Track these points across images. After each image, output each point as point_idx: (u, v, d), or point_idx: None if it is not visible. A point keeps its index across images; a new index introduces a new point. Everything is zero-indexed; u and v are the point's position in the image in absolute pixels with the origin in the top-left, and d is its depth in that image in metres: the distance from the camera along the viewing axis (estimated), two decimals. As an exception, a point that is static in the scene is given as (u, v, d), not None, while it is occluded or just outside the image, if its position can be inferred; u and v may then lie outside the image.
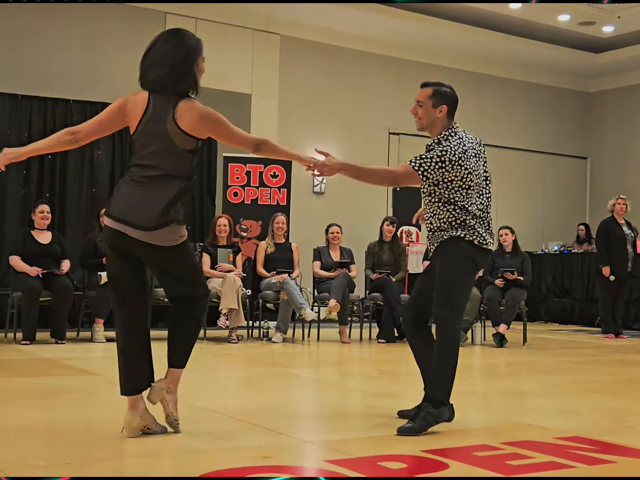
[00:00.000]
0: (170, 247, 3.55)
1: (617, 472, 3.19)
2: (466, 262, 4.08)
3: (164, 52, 3.75)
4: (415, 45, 12.85)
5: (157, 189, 3.53)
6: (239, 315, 8.35)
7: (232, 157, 10.36)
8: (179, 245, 3.58)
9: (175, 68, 3.69)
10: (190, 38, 3.78)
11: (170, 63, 3.71)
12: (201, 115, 3.58)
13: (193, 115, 3.57)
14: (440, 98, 4.16)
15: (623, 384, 6.08)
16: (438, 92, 4.17)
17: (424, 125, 4.21)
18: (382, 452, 3.37)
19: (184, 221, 3.62)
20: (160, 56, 3.76)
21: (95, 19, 10.53)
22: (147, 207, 3.49)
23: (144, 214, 3.49)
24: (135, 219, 3.49)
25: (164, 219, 3.49)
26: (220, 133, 3.68)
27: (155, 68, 3.78)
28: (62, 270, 7.93)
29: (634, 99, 14.37)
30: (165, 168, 3.55)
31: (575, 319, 12.36)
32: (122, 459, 3.22)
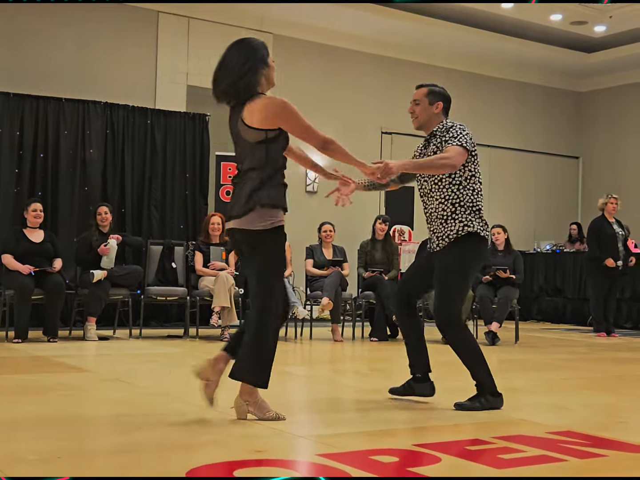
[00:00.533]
0: (262, 230, 3.81)
1: (608, 465, 3.20)
2: (477, 262, 4.50)
3: (224, 65, 3.98)
4: (408, 45, 12.87)
5: (244, 182, 3.88)
6: (232, 314, 8.34)
7: (225, 155, 10.36)
8: (269, 230, 3.82)
9: (235, 79, 3.91)
10: (248, 45, 4.03)
11: (230, 75, 3.93)
12: (265, 105, 3.83)
13: (254, 109, 3.82)
14: (436, 96, 4.49)
15: (614, 380, 6.10)
16: (433, 91, 4.51)
17: (421, 122, 4.51)
18: (374, 446, 3.38)
19: (270, 205, 3.84)
20: (223, 69, 3.98)
21: (89, 18, 10.51)
22: (238, 199, 3.87)
23: (237, 205, 3.86)
24: (231, 212, 3.91)
25: (248, 205, 3.81)
26: (285, 123, 3.86)
27: (219, 82, 3.99)
28: (55, 269, 7.92)
29: (625, 99, 14.42)
30: (247, 164, 3.89)
31: (568, 318, 12.39)
32: (113, 454, 3.22)
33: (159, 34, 11.03)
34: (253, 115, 3.82)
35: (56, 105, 9.53)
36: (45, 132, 9.45)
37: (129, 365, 6.34)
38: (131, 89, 10.59)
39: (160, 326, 9.82)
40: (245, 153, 3.90)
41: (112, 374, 5.67)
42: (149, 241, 9.28)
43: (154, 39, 11.02)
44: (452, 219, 4.35)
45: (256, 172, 3.85)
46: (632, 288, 11.50)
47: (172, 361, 6.75)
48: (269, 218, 3.83)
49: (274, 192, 3.87)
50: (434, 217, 4.43)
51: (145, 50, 10.96)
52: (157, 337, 8.66)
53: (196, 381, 3.98)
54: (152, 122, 10.07)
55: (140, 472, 2.91)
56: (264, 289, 3.89)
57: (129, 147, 9.92)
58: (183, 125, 10.28)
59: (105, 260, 8.21)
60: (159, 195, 10.06)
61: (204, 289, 8.59)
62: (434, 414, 4.33)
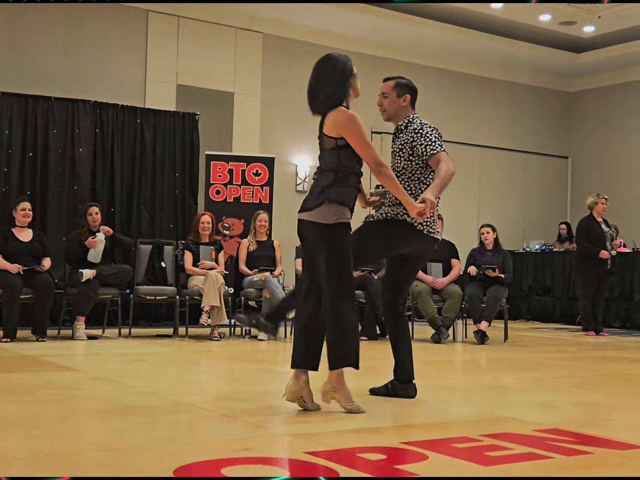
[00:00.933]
0: (328, 224, 4.06)
1: (594, 462, 3.22)
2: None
3: (319, 79, 4.31)
4: (398, 45, 12.89)
5: (319, 179, 4.23)
6: (221, 313, 8.34)
7: (215, 155, 10.36)
8: (335, 224, 4.07)
9: (329, 91, 4.24)
10: (337, 60, 4.31)
11: (325, 87, 4.26)
12: (335, 118, 4.16)
13: (330, 118, 4.19)
14: (403, 88, 4.68)
15: (603, 379, 6.13)
16: (400, 83, 4.72)
17: (390, 115, 4.75)
18: (362, 444, 3.39)
19: (338, 201, 4.10)
20: (319, 82, 4.31)
21: (78, 17, 10.50)
22: (312, 193, 4.21)
23: (310, 199, 4.20)
24: (305, 204, 4.22)
25: (319, 199, 4.12)
26: (348, 136, 4.15)
27: (316, 95, 4.34)
28: (43, 268, 7.90)
29: (613, 99, 14.48)
30: (323, 165, 4.25)
31: (557, 317, 12.44)
32: (101, 452, 3.22)
33: (149, 33, 11.02)
34: (328, 124, 4.20)
35: (45, 104, 9.50)
36: (35, 131, 9.43)
37: (118, 364, 6.33)
38: (121, 88, 10.58)
39: (149, 325, 9.81)
40: (323, 155, 4.27)
41: (101, 373, 5.67)
42: (139, 240, 9.26)
43: (144, 38, 11.01)
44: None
45: (330, 173, 4.18)
46: (621, 287, 11.56)
47: (162, 360, 6.75)
48: (335, 214, 4.09)
49: (344, 191, 4.15)
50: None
51: (134, 49, 10.95)
52: (146, 336, 8.65)
53: (185, 380, 3.98)
54: (141, 121, 10.06)
55: (127, 470, 2.91)
56: (332, 278, 4.09)
57: (119, 146, 9.90)
58: (173, 125, 10.27)
59: (92, 253, 8.20)
60: (148, 195, 10.04)
61: (193, 288, 8.59)
62: (421, 412, 4.35)
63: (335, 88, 4.21)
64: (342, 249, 4.11)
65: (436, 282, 8.76)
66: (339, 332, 4.08)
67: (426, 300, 8.64)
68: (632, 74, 14.04)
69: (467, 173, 13.88)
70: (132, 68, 10.90)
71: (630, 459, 3.28)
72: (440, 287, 8.76)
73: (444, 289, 8.78)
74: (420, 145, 4.54)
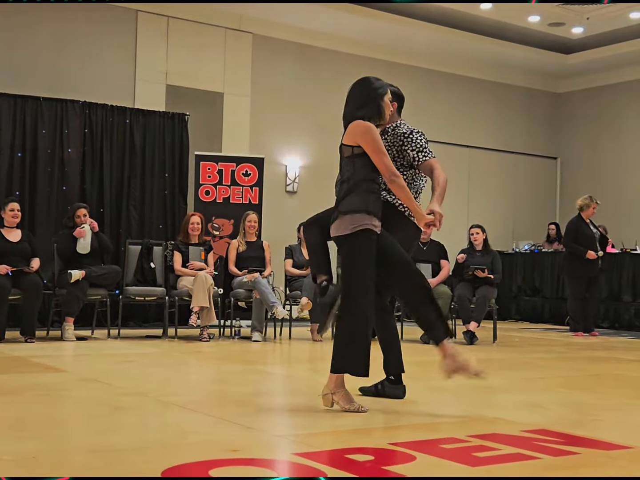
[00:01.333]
0: (345, 235, 4.22)
1: (581, 462, 3.23)
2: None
3: (349, 96, 4.47)
4: (387, 45, 12.91)
5: (337, 193, 4.40)
6: (211, 314, 8.34)
7: (204, 155, 10.35)
8: (352, 234, 4.20)
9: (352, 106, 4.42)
10: (368, 82, 4.44)
11: (351, 103, 4.43)
12: (354, 128, 4.28)
13: (349, 130, 4.32)
14: (392, 96, 4.65)
15: (591, 379, 6.16)
16: (391, 91, 4.68)
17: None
18: (350, 445, 3.39)
19: (352, 210, 4.22)
20: (348, 99, 4.47)
21: (67, 17, 10.48)
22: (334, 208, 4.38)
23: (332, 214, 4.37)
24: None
25: (334, 214, 4.30)
26: (364, 144, 4.25)
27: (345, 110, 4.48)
28: (32, 268, 7.87)
29: (602, 100, 14.54)
30: (341, 177, 4.38)
31: (546, 318, 12.47)
32: (89, 453, 3.22)
33: (138, 33, 11.01)
34: (346, 134, 4.34)
35: (34, 104, 9.47)
36: (23, 131, 9.39)
37: (107, 365, 6.32)
38: (110, 88, 10.56)
39: (138, 326, 9.79)
40: (341, 167, 4.39)
41: (89, 374, 5.66)
42: (128, 241, 9.25)
43: (133, 38, 11.00)
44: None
45: (345, 183, 4.31)
46: (609, 288, 11.60)
47: (151, 361, 6.74)
48: (351, 224, 4.21)
49: (357, 199, 4.24)
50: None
51: (124, 50, 10.93)
52: (135, 337, 8.64)
53: (174, 381, 3.97)
54: (131, 121, 10.04)
55: (116, 471, 2.91)
56: (342, 289, 4.26)
57: (108, 146, 9.88)
58: (162, 125, 10.25)
59: (81, 243, 8.21)
60: (137, 195, 10.02)
61: (182, 289, 8.58)
62: (410, 413, 4.36)
63: (362, 106, 4.35)
64: (352, 260, 4.25)
65: (425, 283, 8.78)
66: (341, 340, 4.28)
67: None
68: (621, 75, 14.11)
69: (456, 173, 13.89)
70: (122, 68, 10.89)
71: (616, 459, 3.30)
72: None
73: (433, 290, 8.78)
74: (412, 151, 4.64)
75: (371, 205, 4.26)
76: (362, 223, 4.20)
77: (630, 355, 8.09)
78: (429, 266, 8.95)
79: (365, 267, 4.24)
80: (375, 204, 4.29)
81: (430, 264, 8.96)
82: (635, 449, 3.49)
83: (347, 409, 4.17)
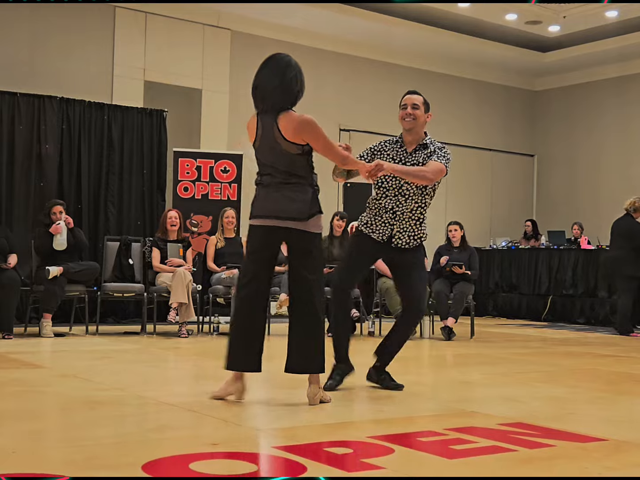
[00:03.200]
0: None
1: (555, 454, 3.29)
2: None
3: (264, 76, 4.38)
4: (367, 43, 12.95)
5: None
6: (189, 310, 8.34)
7: (183, 152, 10.34)
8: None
9: (278, 87, 4.34)
10: (288, 59, 4.47)
11: (272, 84, 4.33)
12: (299, 123, 4.28)
13: (292, 124, 4.27)
14: (428, 107, 4.96)
15: (567, 374, 6.22)
16: (427, 101, 4.97)
17: (417, 124, 4.91)
18: (329, 438, 3.43)
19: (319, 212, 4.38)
20: (263, 80, 4.38)
21: (45, 12, 10.42)
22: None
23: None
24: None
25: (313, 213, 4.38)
26: (315, 142, 4.31)
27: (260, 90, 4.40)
28: (9, 264, 7.83)
29: (578, 98, 14.67)
30: (289, 171, 4.38)
31: (523, 314, 12.56)
32: (68, 448, 3.22)
33: (116, 29, 10.97)
34: (290, 129, 4.33)
35: (11, 99, 9.40)
36: (0, 126, 9.34)
37: (86, 361, 6.31)
38: (87, 84, 10.52)
39: (117, 323, 9.76)
40: (287, 162, 4.37)
41: (68, 370, 5.65)
42: (106, 237, 9.23)
43: (111, 34, 10.96)
44: (422, 222, 4.92)
45: (305, 184, 4.41)
46: (585, 284, 11.72)
47: (129, 357, 6.74)
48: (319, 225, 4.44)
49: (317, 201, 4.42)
50: (406, 216, 4.85)
51: (101, 45, 10.89)
52: (114, 333, 8.62)
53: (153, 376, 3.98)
54: (108, 117, 10.00)
55: (95, 466, 2.92)
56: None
57: (85, 142, 9.83)
58: (140, 121, 10.22)
59: (58, 239, 8.15)
60: (115, 191, 9.99)
61: (161, 285, 8.57)
62: (388, 407, 4.39)
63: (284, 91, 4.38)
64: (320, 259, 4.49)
65: (403, 279, 8.82)
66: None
67: (393, 297, 8.69)
68: (596, 73, 14.24)
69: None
70: (99, 64, 10.85)
71: (591, 451, 3.35)
72: (408, 283, 8.80)
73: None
74: (438, 157, 4.82)
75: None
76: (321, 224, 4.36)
77: (605, 350, 8.18)
78: (407, 262, 8.98)
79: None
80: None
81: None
82: (609, 441, 3.55)
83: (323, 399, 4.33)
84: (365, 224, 4.98)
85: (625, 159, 14.01)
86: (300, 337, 4.29)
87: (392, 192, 4.87)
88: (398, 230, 4.87)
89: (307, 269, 4.31)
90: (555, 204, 14.92)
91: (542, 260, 12.31)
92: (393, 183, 4.86)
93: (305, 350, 4.28)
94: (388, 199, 4.88)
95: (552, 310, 12.08)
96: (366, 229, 4.97)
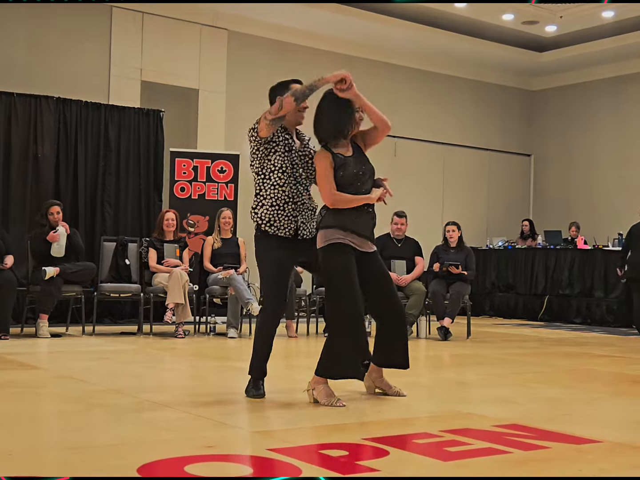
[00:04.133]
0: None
1: (550, 456, 3.29)
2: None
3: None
4: (364, 43, 12.94)
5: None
6: (186, 310, 8.34)
7: (180, 152, 10.34)
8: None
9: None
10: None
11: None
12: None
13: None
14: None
15: (563, 374, 6.23)
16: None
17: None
18: (324, 441, 3.43)
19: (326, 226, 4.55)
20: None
21: (41, 12, 10.39)
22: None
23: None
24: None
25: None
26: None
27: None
28: (6, 265, 7.83)
29: (574, 97, 14.66)
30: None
31: (519, 314, 12.56)
32: (65, 450, 3.23)
33: (113, 29, 10.95)
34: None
35: (7, 99, 9.40)
36: (-5, 125, 9.34)
37: (82, 362, 6.31)
38: (84, 84, 10.50)
39: (113, 323, 9.76)
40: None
41: (64, 371, 5.65)
42: (102, 237, 9.22)
43: (108, 34, 10.94)
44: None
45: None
46: (582, 284, 11.73)
47: (126, 358, 6.74)
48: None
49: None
50: (307, 207, 4.73)
51: (98, 45, 10.87)
52: (110, 334, 8.62)
53: (149, 377, 3.98)
54: (105, 117, 10.00)
55: (91, 468, 2.92)
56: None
57: (82, 142, 9.83)
58: (137, 121, 10.22)
59: (55, 247, 8.15)
60: (112, 192, 9.99)
61: (157, 285, 8.57)
62: (383, 408, 4.39)
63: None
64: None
65: (400, 279, 8.81)
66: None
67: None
68: (593, 73, 14.24)
69: (431, 170, 14.01)
70: (96, 64, 10.83)
71: (586, 453, 3.36)
72: (404, 284, 8.81)
73: (407, 286, 8.83)
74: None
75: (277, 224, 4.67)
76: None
77: (602, 350, 8.19)
78: (404, 263, 8.99)
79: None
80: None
81: (405, 261, 9.00)
82: (604, 443, 3.55)
83: (324, 404, 4.29)
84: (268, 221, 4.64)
85: (621, 159, 14.02)
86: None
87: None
88: (303, 222, 4.68)
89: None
90: (551, 204, 14.92)
91: (539, 260, 12.33)
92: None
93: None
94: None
95: (549, 310, 12.09)
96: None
